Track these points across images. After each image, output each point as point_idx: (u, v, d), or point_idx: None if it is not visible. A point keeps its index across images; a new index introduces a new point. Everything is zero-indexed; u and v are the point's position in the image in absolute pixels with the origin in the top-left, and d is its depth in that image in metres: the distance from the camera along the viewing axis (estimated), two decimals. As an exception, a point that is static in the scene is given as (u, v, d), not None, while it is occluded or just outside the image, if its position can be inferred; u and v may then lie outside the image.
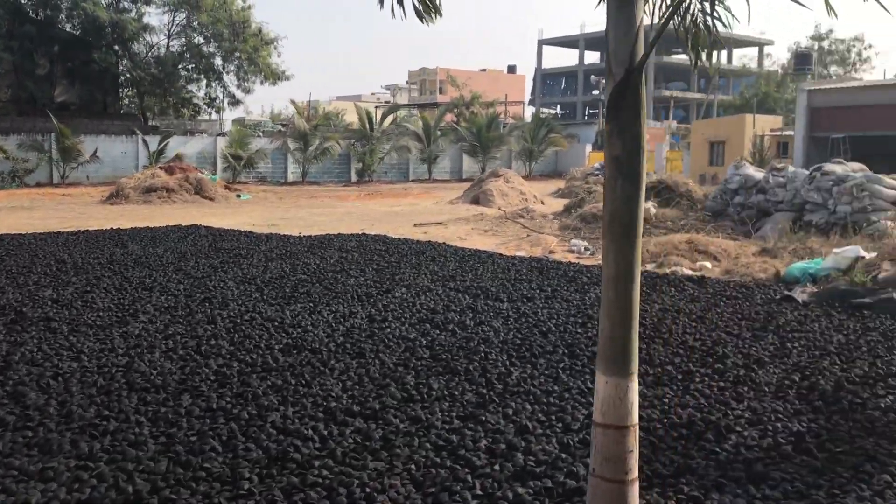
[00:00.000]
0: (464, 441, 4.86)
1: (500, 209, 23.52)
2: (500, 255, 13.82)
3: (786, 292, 9.87)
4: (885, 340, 7.57)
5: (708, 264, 12.41)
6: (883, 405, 5.56)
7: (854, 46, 56.95)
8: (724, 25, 3.24)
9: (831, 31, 58.02)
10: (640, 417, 5.28)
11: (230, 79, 47.03)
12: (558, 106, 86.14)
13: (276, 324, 8.12)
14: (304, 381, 6.08)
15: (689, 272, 11.85)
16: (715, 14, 3.22)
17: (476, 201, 26.35)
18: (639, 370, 6.43)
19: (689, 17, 3.23)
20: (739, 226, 16.35)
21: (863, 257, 10.64)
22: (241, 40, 44.28)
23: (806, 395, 5.87)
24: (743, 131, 36.31)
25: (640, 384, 6.14)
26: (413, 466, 4.48)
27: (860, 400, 5.68)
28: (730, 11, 3.22)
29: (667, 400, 5.72)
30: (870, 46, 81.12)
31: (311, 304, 9.12)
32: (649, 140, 54.68)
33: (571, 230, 17.79)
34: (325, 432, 4.97)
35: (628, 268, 2.99)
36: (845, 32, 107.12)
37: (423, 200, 29.25)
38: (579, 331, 7.87)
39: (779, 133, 37.26)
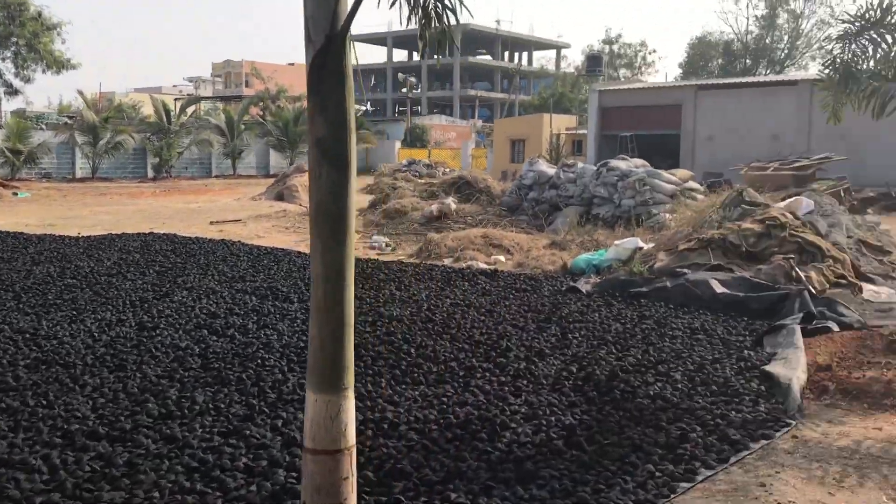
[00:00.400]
0: (221, 460, 4.40)
1: (303, 206, 22.88)
2: (299, 253, 13.32)
3: (571, 283, 10.14)
4: (658, 328, 7.88)
5: (502, 258, 12.59)
6: (652, 393, 5.70)
7: (640, 51, 61.25)
8: (456, 17, 3.01)
9: (620, 35, 62.16)
10: (417, 419, 5.09)
11: (6, 66, 42.74)
12: (368, 103, 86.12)
13: (28, 336, 7.21)
14: (45, 402, 5.36)
15: (484, 266, 11.95)
16: (447, 4, 2.97)
17: (280, 197, 25.51)
18: (423, 368, 6.31)
19: (420, 6, 2.96)
20: (534, 220, 16.82)
21: (641, 248, 11.16)
22: (17, 24, 40.29)
23: (581, 386, 5.91)
24: (541, 130, 37.79)
25: (423, 383, 5.96)
26: (157, 494, 3.98)
27: (631, 389, 5.79)
28: (463, 4, 2.99)
29: (446, 399, 5.55)
30: (654, 51, 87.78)
31: (75, 312, 8.22)
32: (455, 138, 55.94)
33: (375, 226, 17.59)
34: (58, 461, 4.34)
35: (338, 267, 2.68)
36: (632, 37, 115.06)
37: (224, 197, 28.01)
38: (367, 329, 7.60)
39: (574, 132, 39.14)
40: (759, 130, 29.92)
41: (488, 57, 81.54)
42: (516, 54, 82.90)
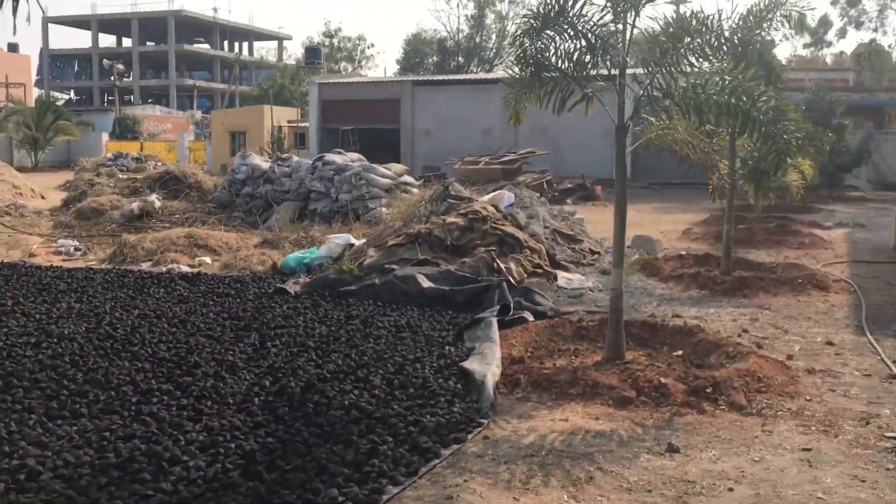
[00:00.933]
0: None
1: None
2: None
3: (279, 285, 9.61)
4: (364, 328, 7.59)
5: (207, 259, 11.72)
6: (347, 402, 5.33)
7: (359, 45, 61.79)
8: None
9: (339, 29, 62.26)
10: (67, 463, 4.32)
11: None
12: (73, 91, 78.95)
13: None
14: None
15: (187, 268, 11.02)
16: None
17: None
18: (89, 396, 5.44)
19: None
20: (248, 217, 16.04)
21: (353, 244, 10.91)
22: None
23: (272, 402, 5.41)
24: (262, 122, 36.69)
25: (85, 415, 5.13)
26: None
27: (326, 400, 5.39)
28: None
29: (109, 433, 4.78)
30: (372, 45, 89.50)
31: None
32: (172, 130, 52.85)
33: (65, 228, 15.74)
34: None
35: None
36: (352, 31, 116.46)
37: None
38: (28, 353, 6.51)
39: (296, 124, 38.48)
40: (473, 125, 31.31)
41: (206, 46, 78.02)
42: (236, 44, 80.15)
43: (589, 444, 4.78)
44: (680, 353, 6.81)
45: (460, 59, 52.93)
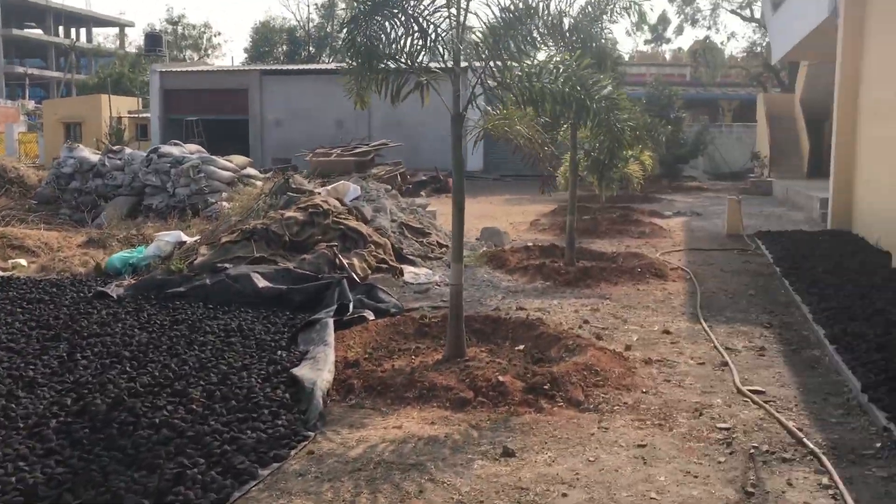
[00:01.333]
0: None
1: None
2: None
3: (100, 288, 8.80)
4: (191, 333, 7.01)
5: (23, 261, 10.65)
6: (158, 420, 4.79)
7: (205, 32, 59.26)
8: None
9: (183, 16, 59.36)
10: None
11: None
12: None
13: None
14: None
15: (-2, 273, 9.95)
16: None
17: None
18: None
19: None
20: (76, 214, 14.84)
21: (184, 242, 10.20)
22: None
23: (71, 423, 4.79)
24: (100, 112, 34.50)
25: None
26: None
27: (135, 418, 4.83)
28: None
29: None
30: (219, 34, 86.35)
31: None
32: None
33: None
34: None
35: None
36: (197, 18, 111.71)
37: None
38: None
39: (137, 115, 36.42)
40: (325, 116, 30.61)
41: (39, 31, 72.73)
42: (73, 30, 75.09)
43: (421, 453, 4.49)
44: (522, 347, 6.67)
45: (311, 48, 51.71)
